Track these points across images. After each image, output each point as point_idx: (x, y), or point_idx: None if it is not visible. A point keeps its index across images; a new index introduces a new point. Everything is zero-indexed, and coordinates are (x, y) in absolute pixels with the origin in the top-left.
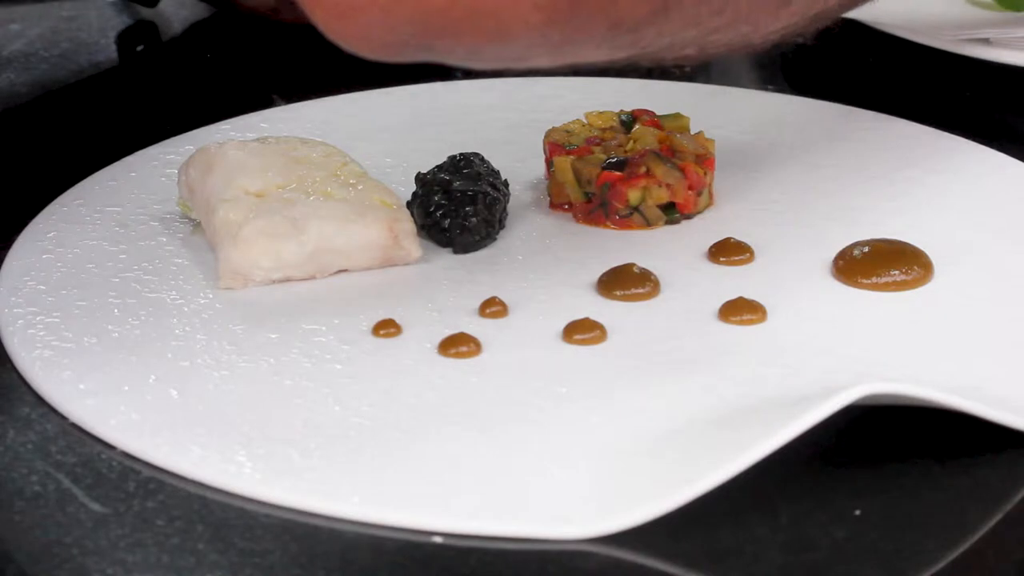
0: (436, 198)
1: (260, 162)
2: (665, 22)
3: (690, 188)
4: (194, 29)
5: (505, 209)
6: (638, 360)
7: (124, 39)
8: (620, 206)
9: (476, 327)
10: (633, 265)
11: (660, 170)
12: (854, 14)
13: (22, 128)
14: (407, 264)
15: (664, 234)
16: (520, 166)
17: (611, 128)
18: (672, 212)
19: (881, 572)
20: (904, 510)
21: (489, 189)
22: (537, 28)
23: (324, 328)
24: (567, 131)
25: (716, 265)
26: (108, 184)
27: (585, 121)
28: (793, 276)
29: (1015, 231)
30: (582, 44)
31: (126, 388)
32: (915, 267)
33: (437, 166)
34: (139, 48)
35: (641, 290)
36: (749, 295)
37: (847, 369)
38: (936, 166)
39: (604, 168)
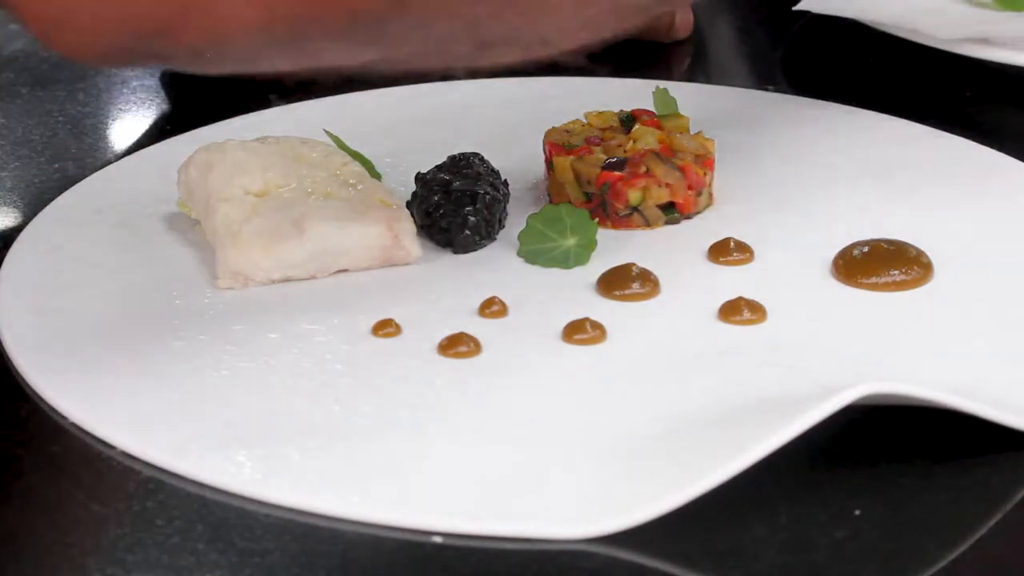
0: (436, 198)
1: (260, 162)
2: (409, 11)
3: (690, 188)
4: None
5: (505, 209)
6: (638, 360)
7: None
8: (620, 206)
9: (476, 327)
10: (633, 265)
11: (660, 170)
12: (854, 14)
13: (22, 127)
14: (407, 264)
15: (664, 234)
16: (520, 166)
17: (611, 128)
18: (672, 212)
19: (881, 572)
20: (904, 510)
21: (489, 189)
22: (256, 24)
23: (324, 328)
24: (567, 131)
25: (716, 265)
26: (108, 184)
27: (585, 121)
28: (793, 276)
29: (1015, 231)
30: (319, 41)
31: (126, 388)
32: (915, 267)
33: (437, 166)
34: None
35: (641, 290)
36: (749, 295)
37: (847, 369)
38: (936, 166)
39: (604, 168)
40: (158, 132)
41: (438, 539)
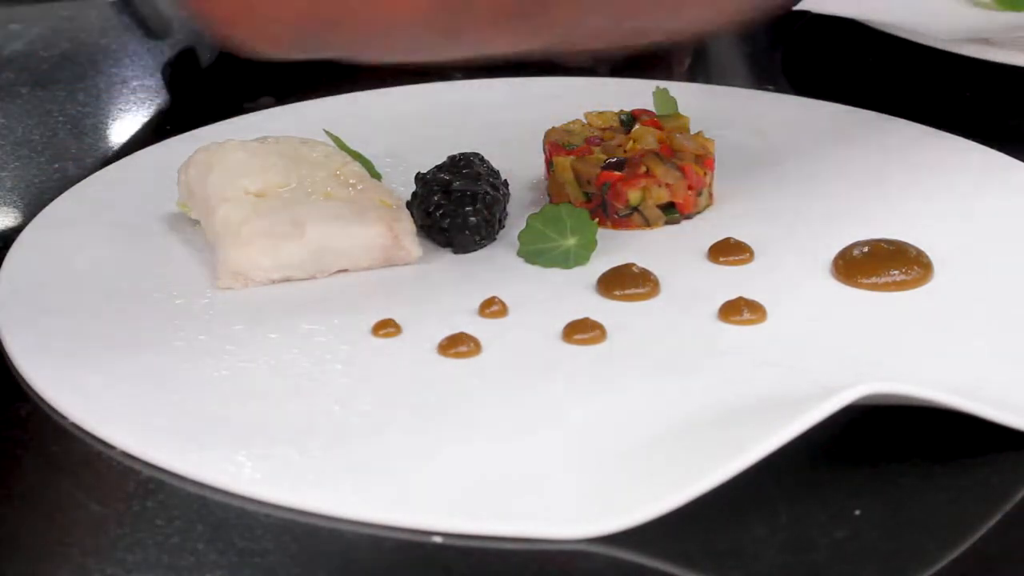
0: (436, 198)
1: (260, 162)
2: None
3: (690, 188)
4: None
5: (505, 209)
6: (638, 360)
7: (171, 68)
8: (620, 206)
9: (476, 327)
10: (633, 265)
11: (660, 170)
12: (853, 14)
13: (22, 127)
14: (407, 264)
15: (664, 234)
16: (520, 166)
17: (611, 128)
18: (672, 212)
19: (881, 572)
20: (904, 510)
21: (489, 189)
22: (418, 13)
23: (324, 328)
24: (567, 131)
25: (716, 265)
26: (108, 184)
27: (585, 121)
28: (793, 276)
29: (1015, 231)
30: (478, 30)
31: (126, 388)
32: (915, 267)
33: (437, 166)
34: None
35: (641, 290)
36: (749, 295)
37: (847, 369)
38: (936, 166)
39: (604, 168)
40: (158, 132)
41: (438, 539)
